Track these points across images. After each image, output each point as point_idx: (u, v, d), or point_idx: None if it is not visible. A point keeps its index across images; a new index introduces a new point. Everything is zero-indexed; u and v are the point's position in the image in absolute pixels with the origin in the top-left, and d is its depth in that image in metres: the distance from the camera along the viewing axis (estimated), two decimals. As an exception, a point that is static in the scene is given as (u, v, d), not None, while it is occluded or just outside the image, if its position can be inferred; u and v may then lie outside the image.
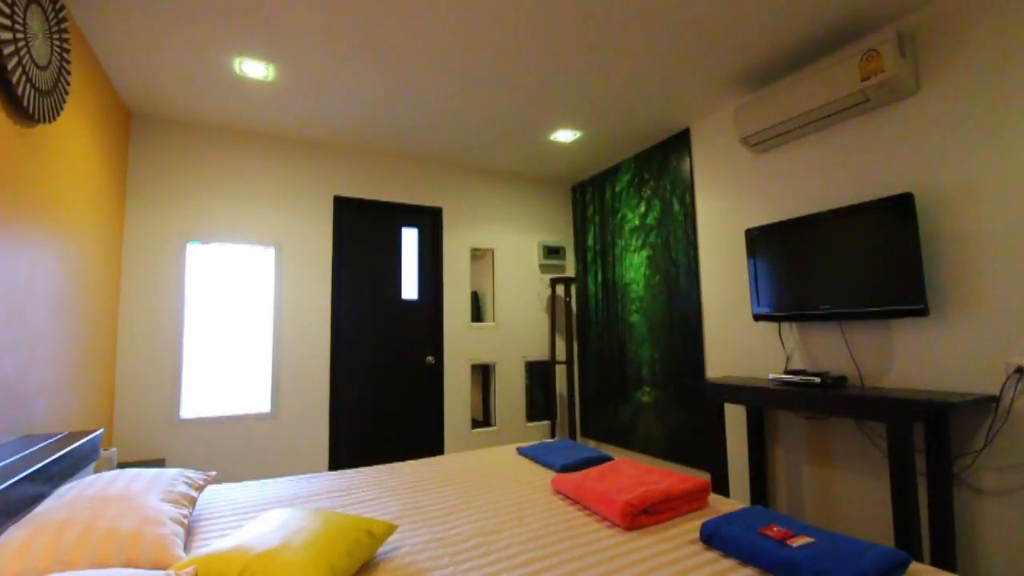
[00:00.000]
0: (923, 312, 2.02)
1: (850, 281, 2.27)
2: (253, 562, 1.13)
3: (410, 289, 3.86)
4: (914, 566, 1.23)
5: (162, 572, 1.08)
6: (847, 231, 2.29)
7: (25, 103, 1.64)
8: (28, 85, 1.65)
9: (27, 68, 1.63)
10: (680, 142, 3.41)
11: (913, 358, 2.17)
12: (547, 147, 3.72)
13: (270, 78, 2.64)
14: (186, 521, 1.46)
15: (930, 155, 2.14)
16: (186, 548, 1.44)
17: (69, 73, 1.96)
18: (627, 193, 3.89)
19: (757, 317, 2.68)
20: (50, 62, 1.80)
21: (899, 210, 2.09)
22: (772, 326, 2.77)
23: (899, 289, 2.09)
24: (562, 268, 4.53)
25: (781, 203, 2.75)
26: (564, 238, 4.59)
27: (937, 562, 1.90)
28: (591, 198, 4.35)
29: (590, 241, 4.34)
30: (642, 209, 3.73)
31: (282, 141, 3.47)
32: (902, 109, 2.24)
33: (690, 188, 3.31)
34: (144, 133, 3.07)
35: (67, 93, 1.95)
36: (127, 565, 1.19)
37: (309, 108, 3.01)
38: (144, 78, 2.63)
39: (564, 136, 3.50)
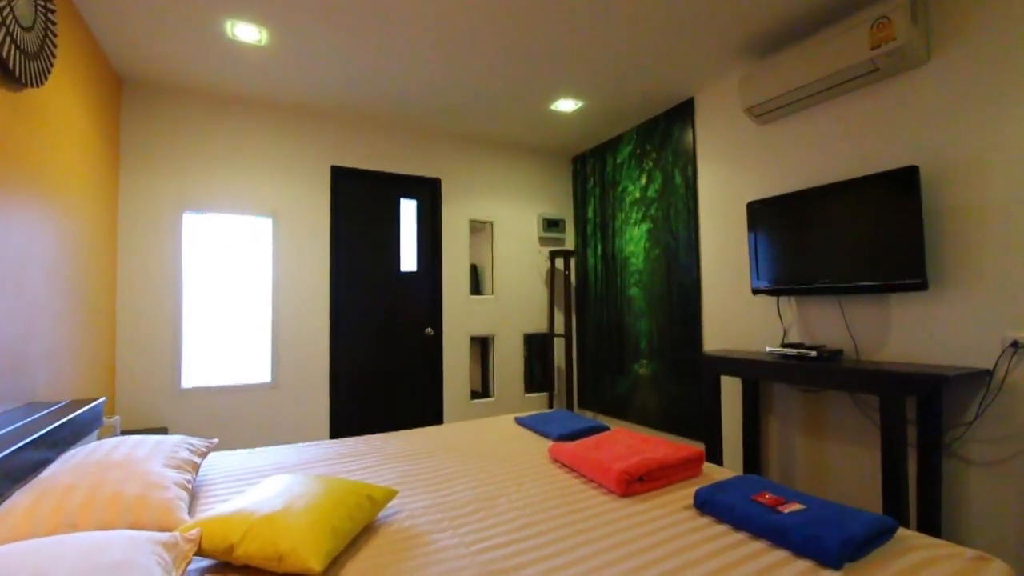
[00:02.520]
0: (922, 287, 2.02)
1: (850, 255, 2.26)
2: (256, 525, 1.15)
3: (409, 261, 3.85)
4: (901, 532, 1.26)
5: (168, 534, 1.11)
6: (849, 205, 2.27)
7: (11, 65, 1.59)
8: (13, 46, 1.60)
9: (11, 29, 1.58)
10: (683, 113, 3.35)
11: (910, 333, 2.18)
12: (548, 117, 3.65)
13: (263, 42, 2.57)
14: (190, 486, 1.48)
15: (937, 127, 2.10)
16: (190, 513, 1.47)
17: (55, 35, 1.90)
18: (628, 165, 3.84)
19: (756, 291, 2.68)
20: (35, 23, 1.74)
21: (903, 184, 2.06)
22: (770, 300, 2.77)
23: (899, 263, 2.08)
24: (561, 241, 4.51)
25: (784, 176, 2.72)
26: (564, 211, 4.55)
27: (922, 528, 1.95)
28: (592, 170, 4.29)
29: (590, 214, 4.30)
30: (643, 181, 3.69)
31: (277, 109, 3.40)
32: (911, 79, 2.18)
33: (692, 160, 3.27)
34: (135, 100, 3.00)
35: (54, 56, 1.89)
36: (133, 528, 1.22)
37: (304, 74, 2.93)
38: (132, 42, 2.55)
39: (565, 105, 3.43)
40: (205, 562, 1.18)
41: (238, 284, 3.28)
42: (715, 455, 2.69)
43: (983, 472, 1.96)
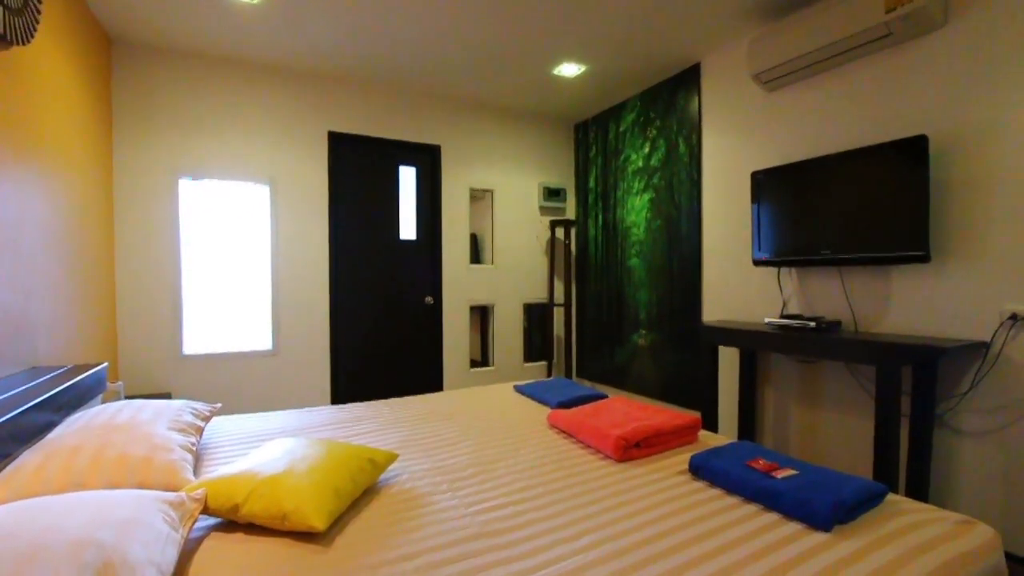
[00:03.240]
0: (924, 259, 2.01)
1: (853, 226, 2.24)
2: (260, 485, 1.18)
3: (408, 229, 3.82)
4: (890, 497, 1.29)
5: (174, 494, 1.13)
6: (855, 175, 2.24)
7: (-5, 21, 1.54)
8: (-4, 1, 1.54)
9: (-7, -19, 1.52)
10: (689, 79, 3.26)
11: (909, 305, 2.19)
12: (550, 82, 3.56)
13: (256, 0, 2.47)
14: (194, 448, 1.51)
15: (949, 95, 2.05)
16: (195, 475, 1.50)
17: (39, -11, 1.83)
18: (631, 133, 3.77)
19: (757, 262, 2.67)
20: (17, -25, 1.67)
21: (911, 153, 2.03)
22: (771, 272, 2.77)
23: (902, 235, 2.07)
24: (562, 211, 4.47)
25: (790, 145, 2.67)
26: (565, 179, 4.49)
27: (910, 495, 2.00)
28: (594, 138, 4.22)
29: (591, 183, 4.25)
30: (646, 150, 3.63)
31: (273, 71, 3.30)
32: (926, 45, 2.12)
33: (697, 128, 3.20)
34: (126, 61, 2.91)
35: (39, 12, 1.83)
36: (139, 488, 1.25)
37: (300, 35, 2.84)
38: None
39: (568, 70, 3.34)
40: (212, 521, 1.21)
41: (237, 252, 3.27)
42: (711, 424, 2.73)
43: (972, 442, 2.00)
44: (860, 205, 2.22)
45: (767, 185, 2.62)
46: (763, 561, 1.01)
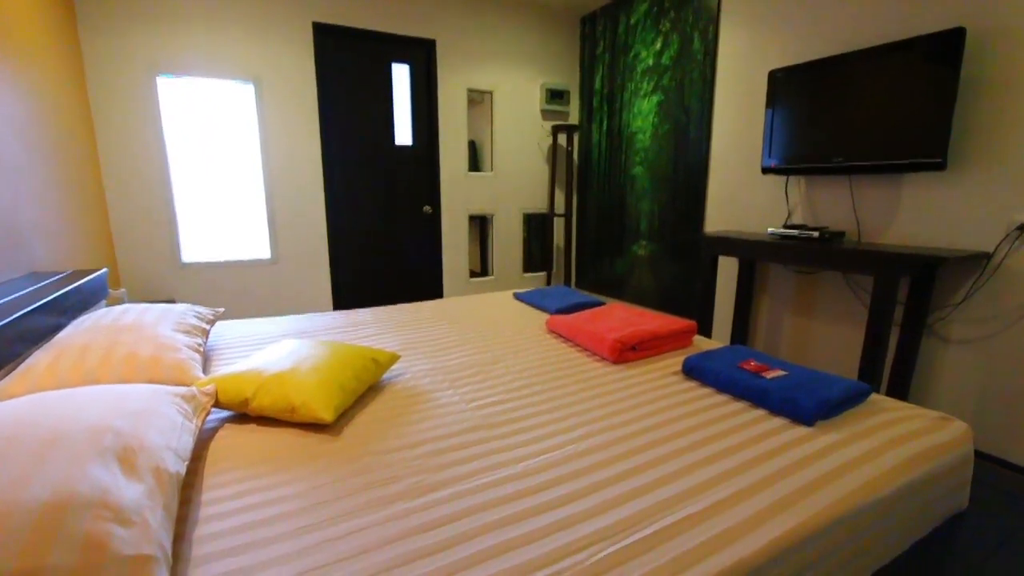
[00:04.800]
0: (940, 167, 1.93)
1: (869, 131, 2.14)
2: (268, 382, 1.22)
3: (403, 134, 3.65)
4: (873, 396, 1.35)
5: (185, 388, 1.17)
6: (878, 74, 2.09)
7: None
8: None
9: None
10: (710, -39, 2.93)
11: (917, 216, 2.14)
12: (555, -35, 3.20)
13: None
14: (201, 349, 1.55)
15: (997, -21, 1.85)
16: (203, 374, 1.55)
17: None
18: (643, 26, 3.47)
19: (766, 170, 2.58)
20: None
21: (944, 49, 1.87)
22: (778, 181, 2.68)
23: (920, 141, 1.97)
24: (565, 115, 4.24)
25: (813, 41, 2.46)
26: (569, 80, 4.21)
27: (890, 395, 2.10)
28: (602, 32, 3.89)
29: (597, 84, 3.99)
30: (658, 46, 3.36)
31: (245, -51, 2.96)
32: (980, -84, 1.87)
33: (715, 20, 2.94)
34: (80, -67, 2.59)
35: None
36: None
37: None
38: None
39: (576, -50, 2.99)
40: (224, 414, 1.27)
41: (227, 158, 3.14)
42: (706, 331, 2.80)
43: (956, 349, 2.06)
44: (880, 108, 2.09)
45: (785, 85, 2.46)
46: (748, 450, 1.07)
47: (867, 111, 2.14)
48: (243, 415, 1.26)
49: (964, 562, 1.02)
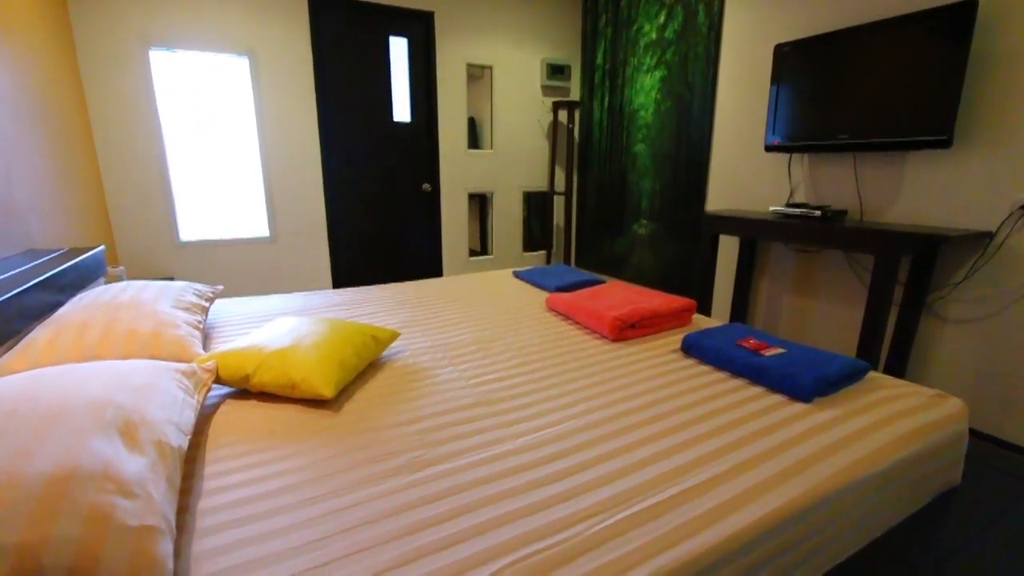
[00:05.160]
0: (946, 144, 1.91)
1: (874, 108, 2.11)
2: (268, 358, 1.22)
3: (402, 110, 3.59)
4: (871, 374, 1.35)
5: (186, 364, 1.18)
6: (886, 48, 2.05)
7: None
8: None
9: None
10: (717, -71, 2.84)
11: (920, 195, 2.12)
12: (557, -67, 3.10)
13: None
14: (201, 326, 1.55)
15: (1013, -52, 1.79)
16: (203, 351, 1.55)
17: None
18: (646, -1, 3.38)
19: (769, 148, 2.55)
20: None
21: (954, 23, 1.83)
22: (781, 159, 2.65)
23: (926, 118, 1.94)
24: (566, 91, 4.16)
25: (821, 13, 2.40)
26: (571, 55, 4.13)
27: (888, 374, 2.11)
28: (604, 5, 3.79)
29: (599, 59, 3.91)
30: (662, 19, 3.28)
31: (237, -85, 2.86)
32: None
33: (720, -8, 2.86)
34: (65, -103, 2.50)
35: None
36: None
37: None
38: None
39: (578, -83, 2.89)
40: (225, 390, 1.28)
41: (223, 134, 3.09)
42: (705, 310, 2.80)
43: (954, 329, 2.06)
44: (886, 84, 2.06)
45: (791, 60, 2.41)
46: (746, 426, 1.08)
47: (873, 87, 2.11)
48: (244, 391, 1.26)
49: (956, 536, 1.04)
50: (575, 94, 4.20)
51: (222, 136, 3.10)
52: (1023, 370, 1.88)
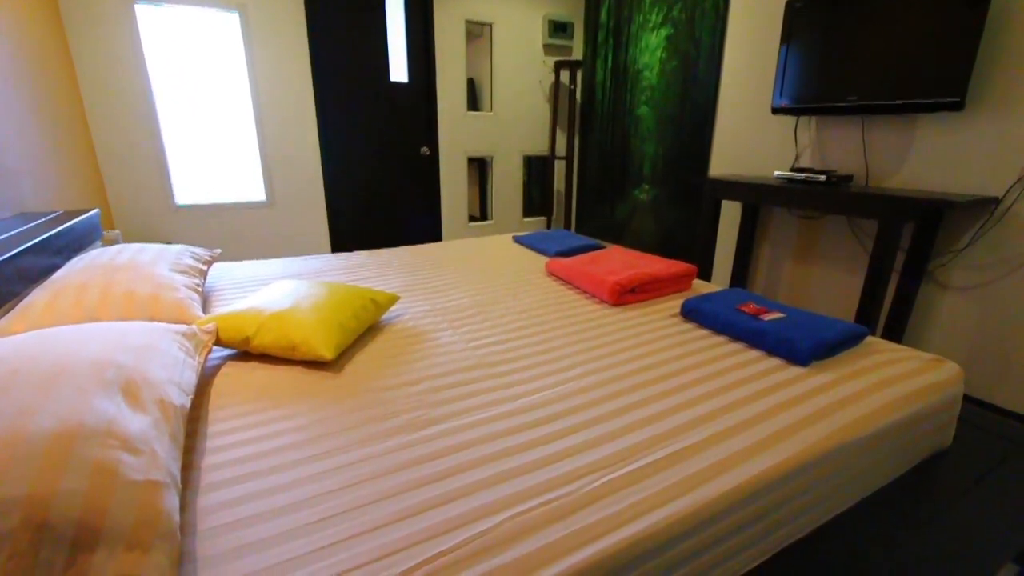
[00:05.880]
0: (958, 106, 1.86)
1: (886, 69, 2.04)
2: (268, 320, 1.22)
3: (399, 70, 3.48)
4: (869, 339, 1.36)
5: (185, 326, 1.18)
6: (902, 5, 1.97)
7: None
8: None
9: None
10: None
11: (928, 159, 2.08)
12: None
13: None
14: (200, 289, 1.54)
15: None
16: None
17: None
18: (653, -49, 3.23)
19: (776, 110, 2.48)
20: None
21: (977, -26, 1.75)
22: (788, 123, 2.59)
23: (939, 79, 1.88)
24: (569, 50, 4.03)
25: (837, -35, 2.29)
26: (574, 11, 3.97)
27: (886, 339, 2.13)
28: (609, -42, 3.63)
29: (603, 16, 3.76)
30: (669, -27, 3.14)
31: None
32: None
33: (731, -57, 2.73)
34: None
35: None
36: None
37: None
38: None
39: None
40: (226, 352, 1.28)
41: (216, 95, 3.01)
42: (705, 276, 2.79)
43: (954, 296, 2.06)
44: (900, 43, 1.99)
45: (803, 17, 2.32)
46: (742, 388, 1.09)
47: (887, 46, 2.04)
48: (245, 353, 1.27)
49: (944, 494, 1.07)
50: (577, 53, 4.07)
51: (215, 97, 3.02)
52: (1019, 337, 1.89)
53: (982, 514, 1.02)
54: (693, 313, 1.48)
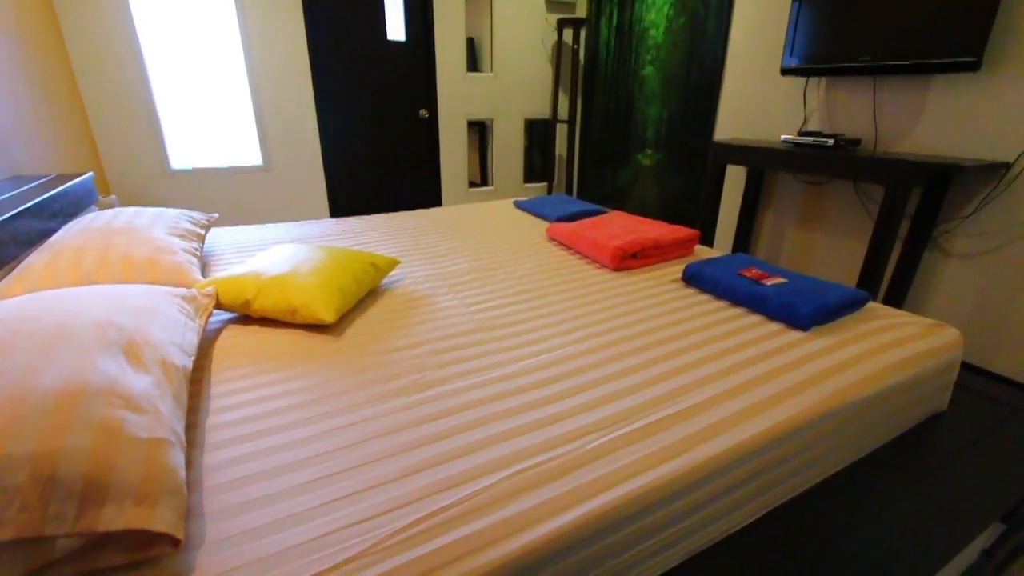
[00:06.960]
0: (974, 67, 1.80)
1: (901, 27, 1.97)
2: (267, 284, 1.22)
3: (396, 28, 3.36)
4: (870, 304, 1.35)
5: (185, 289, 1.17)
6: (924, -43, 1.88)
7: None
8: None
9: None
10: None
11: (939, 123, 2.03)
12: None
13: None
14: (198, 254, 1.53)
15: None
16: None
17: None
18: (662, -102, 3.06)
19: (785, 71, 2.41)
20: None
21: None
22: (797, 85, 2.51)
23: (956, 38, 1.81)
24: (572, 7, 3.88)
25: (856, -87, 2.18)
26: (577, -34, 3.81)
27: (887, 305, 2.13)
28: (616, -93, 3.44)
29: (608, -29, 3.61)
30: (678, -77, 2.99)
31: None
32: None
33: None
34: None
35: None
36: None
37: None
38: None
39: None
40: (227, 315, 1.28)
41: (209, 56, 2.91)
42: (708, 242, 2.77)
43: (957, 263, 2.05)
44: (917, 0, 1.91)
45: (816, -30, 2.22)
46: (743, 352, 1.09)
47: (902, 3, 1.95)
48: (245, 317, 1.27)
49: (938, 456, 1.09)
50: (581, 11, 3.92)
51: (208, 59, 2.92)
52: (1019, 305, 1.89)
53: (973, 475, 1.04)
54: (695, 278, 1.48)
